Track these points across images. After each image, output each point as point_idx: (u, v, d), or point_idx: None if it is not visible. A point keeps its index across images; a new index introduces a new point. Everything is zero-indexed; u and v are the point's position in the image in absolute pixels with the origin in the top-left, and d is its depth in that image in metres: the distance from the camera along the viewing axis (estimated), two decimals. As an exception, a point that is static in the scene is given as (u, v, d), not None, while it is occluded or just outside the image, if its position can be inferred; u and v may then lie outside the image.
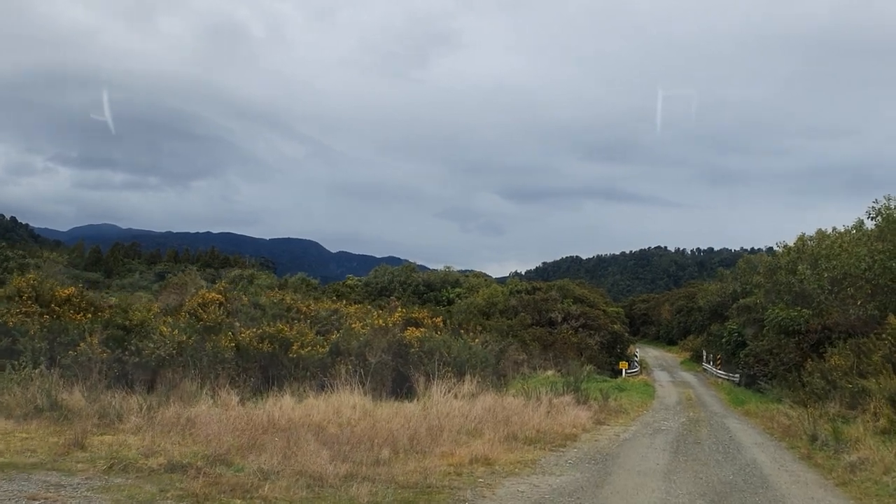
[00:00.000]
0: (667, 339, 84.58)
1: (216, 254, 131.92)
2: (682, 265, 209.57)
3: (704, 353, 52.23)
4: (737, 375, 38.73)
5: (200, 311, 17.94)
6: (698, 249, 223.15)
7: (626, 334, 58.63)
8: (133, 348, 15.42)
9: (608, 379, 38.24)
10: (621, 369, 43.21)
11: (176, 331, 15.82)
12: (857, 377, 16.24)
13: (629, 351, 57.26)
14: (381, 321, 18.93)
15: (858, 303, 22.80)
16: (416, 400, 16.78)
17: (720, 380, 40.56)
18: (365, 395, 17.15)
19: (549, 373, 34.20)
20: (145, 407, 13.06)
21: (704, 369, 49.43)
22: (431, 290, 62.03)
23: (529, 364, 38.86)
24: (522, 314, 45.40)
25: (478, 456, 10.45)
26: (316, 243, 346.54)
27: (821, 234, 29.25)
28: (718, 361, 44.19)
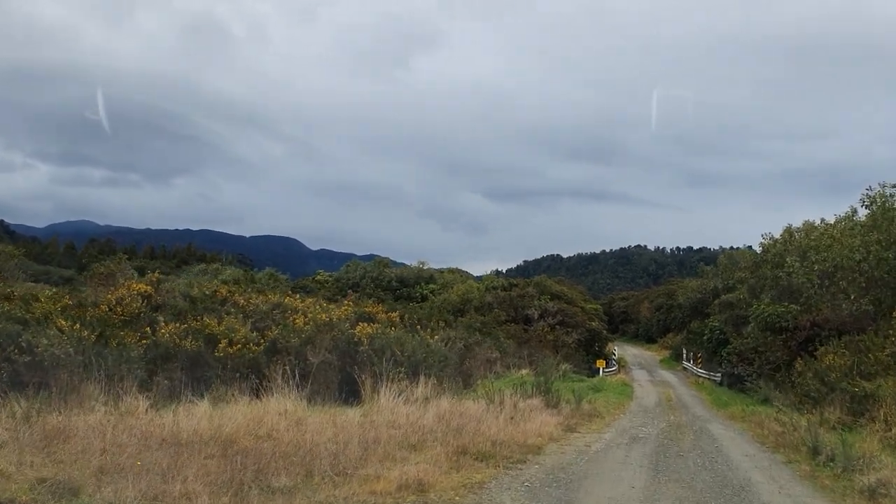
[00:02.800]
0: (646, 337, 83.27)
1: (193, 250, 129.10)
2: (661, 264, 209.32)
3: (684, 351, 50.72)
4: (718, 374, 37.17)
5: (116, 304, 15.68)
6: (678, 248, 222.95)
7: (605, 332, 56.96)
8: (24, 345, 13.13)
9: (585, 378, 36.48)
10: (598, 368, 41.45)
11: (77, 325, 13.56)
12: (859, 379, 14.46)
13: (607, 349, 55.65)
14: (324, 316, 16.74)
15: (851, 297, 21.10)
16: (361, 405, 14.69)
17: (701, 379, 38.96)
18: (303, 399, 15.02)
19: (524, 372, 32.34)
20: (20, 415, 10.80)
21: (684, 368, 47.90)
22: (405, 286, 59.83)
23: (503, 363, 37.01)
24: (496, 310, 43.44)
25: (411, 479, 8.36)
26: (296, 241, 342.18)
27: (808, 226, 27.63)
28: (699, 360, 42.61)
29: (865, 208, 22.61)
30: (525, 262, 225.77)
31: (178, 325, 15.08)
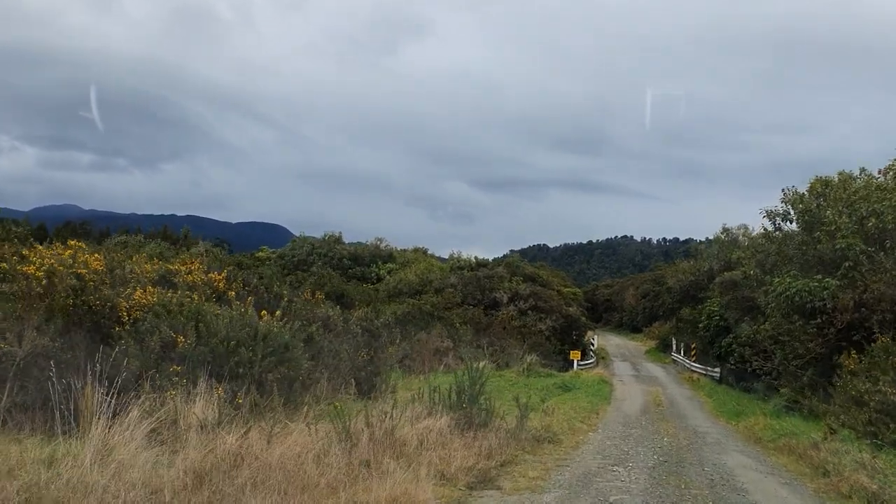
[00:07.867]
0: (631, 326, 76.72)
1: (169, 234, 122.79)
2: (647, 254, 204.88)
3: (674, 341, 44.03)
4: (717, 370, 30.48)
5: None
6: (664, 239, 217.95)
7: (584, 318, 50.16)
8: None
9: (554, 373, 29.67)
10: (573, 360, 34.62)
11: None
12: None
13: (587, 338, 48.95)
14: (36, 270, 9.30)
15: (930, 263, 14.33)
16: (75, 438, 7.52)
17: (696, 375, 32.20)
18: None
19: (481, 364, 25.60)
20: None
21: (674, 360, 41.21)
22: (359, 265, 52.64)
23: (456, 353, 30.50)
24: (450, 290, 36.45)
25: None
26: (282, 227, 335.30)
27: (845, 177, 20.81)
28: (694, 352, 35.81)
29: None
30: (511, 251, 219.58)
31: None
